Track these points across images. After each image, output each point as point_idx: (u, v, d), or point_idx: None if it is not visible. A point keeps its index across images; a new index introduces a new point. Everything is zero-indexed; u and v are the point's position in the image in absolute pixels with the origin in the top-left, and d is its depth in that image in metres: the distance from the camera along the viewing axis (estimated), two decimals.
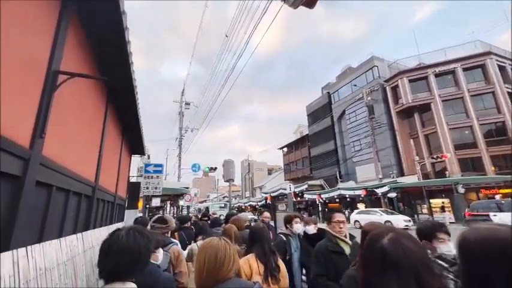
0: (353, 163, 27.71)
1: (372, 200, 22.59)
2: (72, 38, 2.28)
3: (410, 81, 23.80)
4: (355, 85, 25.28)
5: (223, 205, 34.45)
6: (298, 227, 2.95)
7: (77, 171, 2.64)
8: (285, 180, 40.46)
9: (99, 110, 3.49)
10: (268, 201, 35.59)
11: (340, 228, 2.25)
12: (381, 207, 20.16)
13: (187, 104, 22.71)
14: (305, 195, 28.88)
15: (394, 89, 24.85)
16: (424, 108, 23.20)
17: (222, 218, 5.44)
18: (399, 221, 15.44)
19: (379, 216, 16.47)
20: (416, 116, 23.58)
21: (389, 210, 17.85)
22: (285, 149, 42.39)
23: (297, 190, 31.60)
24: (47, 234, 2.10)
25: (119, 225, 5.54)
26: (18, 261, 1.56)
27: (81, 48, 2.58)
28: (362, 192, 22.12)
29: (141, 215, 9.25)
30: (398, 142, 23.86)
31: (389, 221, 15.31)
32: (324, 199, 26.87)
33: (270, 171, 56.59)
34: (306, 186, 30.09)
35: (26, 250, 1.67)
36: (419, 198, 19.84)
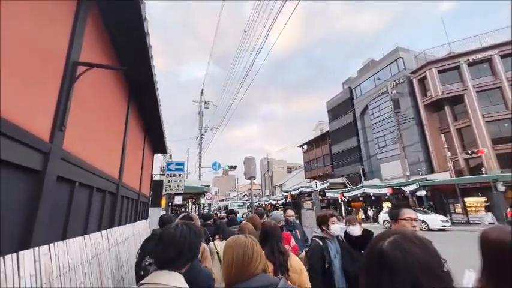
0: (377, 160, 26.54)
1: (399, 198, 21.47)
2: (90, 29, 2.22)
3: (440, 71, 22.24)
4: (379, 78, 24.09)
5: (241, 204, 35.21)
6: (337, 228, 2.49)
7: (99, 167, 2.60)
8: (305, 178, 39.75)
9: (121, 107, 3.47)
10: (289, 199, 35.17)
11: (414, 227, 1.90)
12: (409, 206, 19.03)
13: (207, 103, 22.96)
14: (327, 194, 28.16)
15: (422, 81, 23.37)
16: (456, 100, 21.57)
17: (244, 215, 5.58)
18: (435, 221, 14.38)
19: None
20: (447, 108, 22.00)
21: (423, 209, 16.74)
22: (305, 147, 41.62)
23: (318, 188, 30.88)
24: (70, 232, 2.05)
25: (143, 222, 5.59)
26: (40, 260, 1.50)
27: (100, 39, 2.52)
28: (388, 191, 21.07)
29: (164, 212, 9.40)
30: (427, 137, 22.44)
31: (423, 221, 14.36)
32: (346, 197, 26.03)
33: (289, 170, 55.97)
34: (327, 184, 29.31)
35: (49, 248, 1.61)
36: (452, 196, 18.52)
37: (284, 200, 36.94)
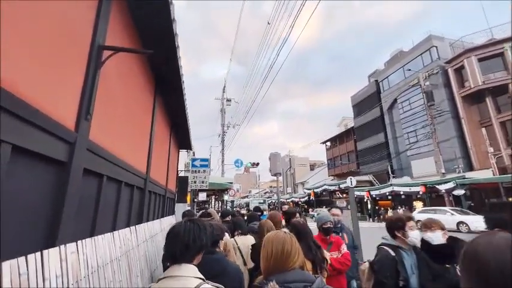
0: (407, 157, 25.01)
1: (433, 197, 20.07)
2: (116, 12, 2.09)
3: (480, 60, 20.30)
4: (410, 69, 22.54)
5: (262, 201, 35.74)
6: (416, 236, 1.98)
7: (127, 161, 2.50)
8: (329, 176, 38.73)
9: (148, 100, 3.38)
10: (312, 197, 34.50)
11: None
12: (444, 205, 17.73)
13: (229, 100, 23.01)
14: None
15: (459, 70, 21.52)
16: (499, 91, 19.57)
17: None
18: (477, 222, 13.08)
19: (449, 216, 14.36)
20: (488, 100, 20.06)
21: (463, 210, 15.43)
22: (328, 143, 40.48)
23: (342, 186, 29.93)
24: (99, 228, 1.95)
25: (170, 218, 5.58)
26: (67, 258, 1.38)
27: (125, 25, 2.40)
28: (420, 189, 19.78)
29: (189, 208, 9.48)
30: (465, 132, 20.68)
31: (463, 222, 13.23)
32: (373, 196, 24.89)
33: (312, 167, 54.88)
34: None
35: (76, 245, 1.50)
36: (494, 196, 16.90)
37: (307, 197, 36.31)
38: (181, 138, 6.98)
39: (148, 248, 3.11)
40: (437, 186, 18.47)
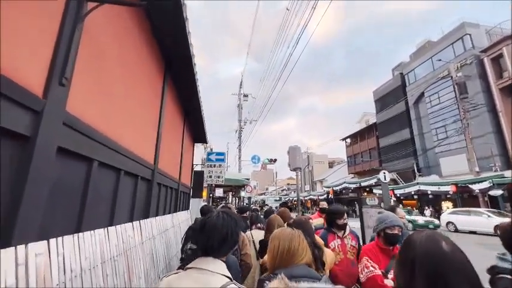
0: (435, 154, 23.37)
1: (464, 198, 18.57)
2: None
3: None
4: (440, 60, 20.88)
5: (278, 198, 36.07)
6: None
7: (129, 147, 2.19)
8: (349, 173, 37.40)
9: (156, 80, 3.06)
10: (331, 195, 33.47)
11: None
12: (478, 206, 16.31)
13: (246, 95, 22.68)
14: (374, 190, 25.92)
15: (496, 60, 19.61)
16: None
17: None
18: None
19: (485, 218, 13.12)
20: None
21: (500, 212, 14.04)
22: (348, 140, 39.02)
23: (364, 184, 28.71)
24: (88, 223, 1.63)
25: (184, 213, 5.31)
26: (28, 262, 1.06)
27: None
28: (451, 189, 18.35)
29: (205, 203, 9.27)
30: (503, 127, 18.86)
31: None
32: (397, 195, 23.58)
33: (331, 164, 53.40)
34: (375, 180, 26.98)
35: (48, 244, 1.18)
36: None
37: (325, 195, 35.33)
38: (196, 130, 6.71)
39: (156, 245, 2.80)
40: (470, 186, 17.02)
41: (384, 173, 4.26)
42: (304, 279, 1.06)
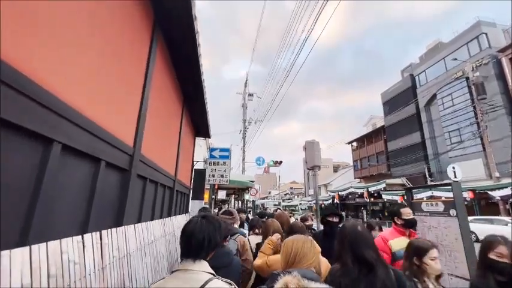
0: (449, 158, 22.25)
1: (482, 205, 17.47)
2: None
3: None
4: (456, 59, 19.88)
5: (277, 203, 37.26)
6: None
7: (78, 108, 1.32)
8: (355, 178, 36.30)
9: (140, 41, 2.19)
10: (336, 200, 32.37)
11: None
12: (498, 214, 15.23)
13: (251, 95, 21.84)
14: (383, 196, 24.87)
15: None
16: None
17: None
18: None
19: (509, 227, 12.08)
20: None
21: None
22: (355, 144, 37.97)
23: (371, 189, 27.65)
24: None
25: (183, 217, 4.42)
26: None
27: None
28: (467, 195, 17.24)
29: (207, 206, 8.40)
30: None
31: None
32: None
33: (336, 169, 52.23)
34: (383, 185, 25.91)
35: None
36: None
37: (331, 200, 34.23)
38: (198, 121, 5.83)
39: (134, 265, 1.92)
40: (489, 192, 15.92)
41: (454, 168, 3.32)
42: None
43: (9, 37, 0.82)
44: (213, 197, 8.68)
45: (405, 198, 18.24)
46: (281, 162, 19.34)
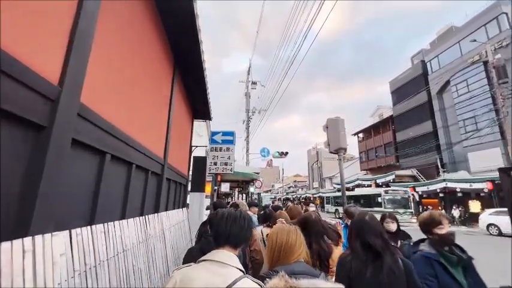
0: (463, 148, 21.13)
1: (502, 197, 16.42)
2: None
3: None
4: (475, 40, 18.51)
5: (273, 197, 37.72)
6: None
7: None
8: (361, 170, 35.30)
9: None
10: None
11: None
12: None
13: (254, 83, 20.77)
14: (392, 187, 23.89)
15: None
16: None
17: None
18: None
19: None
20: None
21: None
22: (361, 135, 36.81)
23: (380, 181, 26.70)
24: None
25: (177, 212, 3.49)
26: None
27: None
28: (486, 186, 16.25)
29: (208, 200, 7.48)
30: None
31: None
32: (419, 193, 21.52)
33: None
34: (393, 176, 24.95)
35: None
36: None
37: (336, 193, 33.38)
38: (195, 97, 4.85)
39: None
40: None
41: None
42: (304, 276, 1.02)
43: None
44: (215, 188, 7.76)
45: (415, 189, 17.21)
46: (287, 153, 18.40)
